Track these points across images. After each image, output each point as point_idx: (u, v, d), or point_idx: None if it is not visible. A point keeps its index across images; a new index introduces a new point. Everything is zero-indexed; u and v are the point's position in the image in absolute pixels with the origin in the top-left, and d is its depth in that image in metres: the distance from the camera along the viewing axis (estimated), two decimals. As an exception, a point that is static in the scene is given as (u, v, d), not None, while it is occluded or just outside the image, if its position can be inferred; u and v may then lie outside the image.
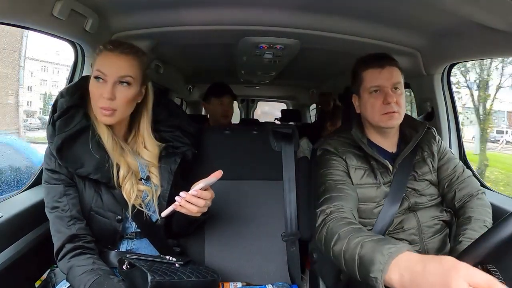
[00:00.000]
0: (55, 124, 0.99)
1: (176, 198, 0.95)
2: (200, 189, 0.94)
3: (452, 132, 1.55)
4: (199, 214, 0.99)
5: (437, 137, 1.24)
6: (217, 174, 0.93)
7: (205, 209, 0.99)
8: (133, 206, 1.02)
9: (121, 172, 1.01)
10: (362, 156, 1.16)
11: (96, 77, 0.98)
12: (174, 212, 0.96)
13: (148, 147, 1.09)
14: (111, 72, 0.98)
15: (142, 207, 1.03)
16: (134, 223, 1.04)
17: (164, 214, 0.97)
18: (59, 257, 0.96)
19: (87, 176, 0.99)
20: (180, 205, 0.95)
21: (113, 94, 0.97)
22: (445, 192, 1.18)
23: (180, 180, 1.15)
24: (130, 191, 1.01)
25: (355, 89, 1.19)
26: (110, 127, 1.03)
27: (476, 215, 1.09)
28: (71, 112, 1.01)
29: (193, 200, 0.94)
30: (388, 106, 1.11)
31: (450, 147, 1.51)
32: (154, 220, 1.06)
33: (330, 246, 0.88)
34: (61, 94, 1.05)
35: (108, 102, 0.97)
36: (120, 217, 1.02)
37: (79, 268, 0.92)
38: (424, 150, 1.20)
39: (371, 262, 0.71)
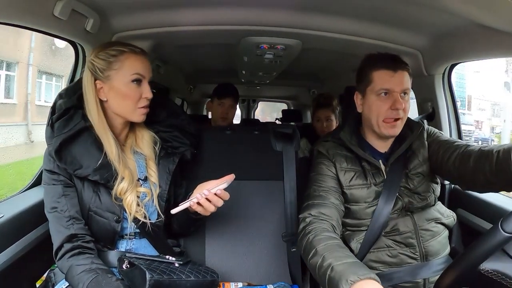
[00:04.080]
0: (53, 126, 1.00)
1: (197, 195, 0.96)
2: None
3: (453, 133, 1.55)
4: (208, 214, 1.00)
5: (427, 127, 1.23)
6: (231, 177, 0.97)
7: (216, 210, 1.00)
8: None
9: (123, 184, 1.01)
10: (354, 157, 1.16)
11: (136, 80, 1.01)
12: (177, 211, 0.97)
13: (145, 136, 1.11)
14: (146, 73, 1.03)
15: (140, 212, 1.03)
16: (133, 223, 1.04)
17: (174, 211, 0.98)
18: (58, 257, 0.97)
19: (85, 177, 0.99)
20: (198, 203, 0.96)
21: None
22: (444, 157, 1.10)
23: (180, 180, 1.15)
24: (132, 205, 1.01)
25: (361, 87, 1.17)
26: (112, 130, 1.04)
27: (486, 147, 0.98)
28: (69, 113, 1.01)
29: (214, 199, 0.96)
30: (395, 111, 1.09)
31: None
32: (153, 220, 1.06)
33: (308, 258, 0.94)
34: (60, 95, 1.05)
35: (148, 101, 1.04)
36: (118, 218, 1.02)
37: (77, 268, 0.93)
38: (414, 143, 1.18)
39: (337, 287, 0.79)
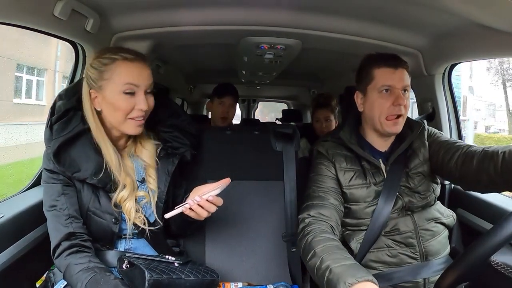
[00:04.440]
0: (52, 128, 0.99)
1: (189, 201, 0.95)
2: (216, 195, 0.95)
3: (453, 133, 1.55)
4: (202, 219, 0.99)
5: (427, 127, 1.23)
6: (226, 181, 0.95)
7: (210, 214, 0.99)
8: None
9: (124, 193, 1.01)
10: (353, 157, 1.16)
11: (128, 92, 0.97)
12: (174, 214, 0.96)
13: (146, 146, 1.09)
14: (141, 81, 0.98)
15: (140, 219, 1.03)
16: (132, 225, 1.04)
17: (168, 215, 0.97)
18: (55, 255, 0.96)
19: (84, 180, 0.99)
20: (190, 209, 0.95)
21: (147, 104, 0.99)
22: (445, 157, 1.11)
23: (180, 181, 1.15)
24: (131, 211, 1.01)
25: (361, 86, 1.17)
26: (110, 137, 1.03)
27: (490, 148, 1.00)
28: (68, 115, 1.00)
29: (206, 205, 0.95)
30: (397, 108, 1.10)
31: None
32: (151, 221, 1.05)
33: (307, 259, 0.94)
34: (60, 97, 1.04)
35: (143, 112, 0.99)
36: (117, 220, 1.01)
37: (75, 267, 0.92)
38: (415, 143, 1.18)
39: None
